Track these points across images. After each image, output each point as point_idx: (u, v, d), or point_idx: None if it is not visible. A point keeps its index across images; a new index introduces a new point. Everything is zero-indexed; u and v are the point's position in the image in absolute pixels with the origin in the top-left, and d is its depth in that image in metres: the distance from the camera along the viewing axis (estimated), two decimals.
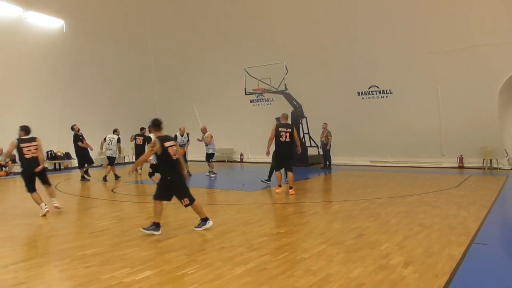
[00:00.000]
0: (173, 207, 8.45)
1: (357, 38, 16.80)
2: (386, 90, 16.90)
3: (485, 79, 14.39)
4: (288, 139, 9.39)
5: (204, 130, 14.25)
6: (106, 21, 20.78)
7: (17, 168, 17.46)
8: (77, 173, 14.33)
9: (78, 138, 13.43)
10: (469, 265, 4.41)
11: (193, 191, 9.78)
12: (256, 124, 19.07)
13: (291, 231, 6.03)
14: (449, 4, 14.65)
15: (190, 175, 14.09)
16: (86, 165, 13.61)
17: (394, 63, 16.21)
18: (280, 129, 9.42)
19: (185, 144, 13.86)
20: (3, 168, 16.30)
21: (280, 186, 9.82)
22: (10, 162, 16.69)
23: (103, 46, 20.95)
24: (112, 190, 10.95)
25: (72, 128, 13.64)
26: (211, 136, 13.98)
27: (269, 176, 11.24)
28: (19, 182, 11.51)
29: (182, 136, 13.87)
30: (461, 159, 15.41)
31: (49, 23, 19.29)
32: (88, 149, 13.56)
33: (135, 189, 11.62)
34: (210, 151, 14.02)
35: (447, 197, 8.74)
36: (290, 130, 9.45)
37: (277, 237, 5.72)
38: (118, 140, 13.78)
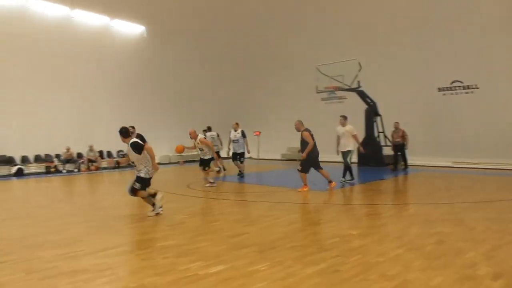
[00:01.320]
0: (246, 204, 8.60)
1: (437, 29, 15.75)
2: (471, 85, 15.63)
3: None
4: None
5: (194, 135, 11.30)
6: (182, 24, 21.97)
7: (105, 163, 19.08)
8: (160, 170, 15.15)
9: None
10: None
11: (262, 189, 9.82)
12: (328, 122, 18.75)
13: (364, 233, 5.81)
14: None
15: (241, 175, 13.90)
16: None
17: (480, 56, 14.93)
18: (311, 133, 9.92)
19: (238, 140, 13.85)
20: (94, 163, 17.88)
21: (306, 185, 9.91)
22: (99, 157, 18.28)
23: (179, 48, 22.28)
24: (188, 186, 11.45)
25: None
26: (205, 140, 11.33)
27: (344, 175, 11.07)
28: (107, 176, 12.54)
29: (235, 131, 13.98)
30: None
31: (132, 29, 20.94)
32: None
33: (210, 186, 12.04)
34: (207, 156, 11.30)
35: None
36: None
37: (350, 238, 5.55)
38: (218, 135, 15.31)
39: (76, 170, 17.27)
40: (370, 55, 17.25)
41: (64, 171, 17.03)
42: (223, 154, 16.12)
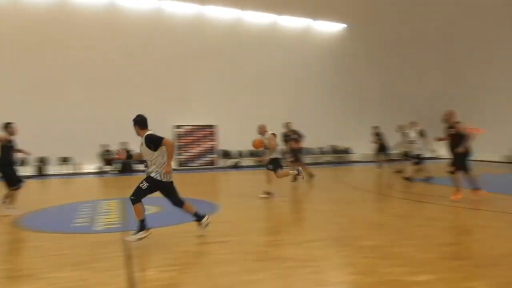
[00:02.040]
0: (457, 211, 7.65)
1: None
2: None
3: None
4: None
5: (263, 130, 9.86)
6: (383, 18, 21.34)
7: (309, 159, 20.16)
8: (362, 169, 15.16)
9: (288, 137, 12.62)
10: None
11: (477, 195, 8.45)
12: None
13: None
14: None
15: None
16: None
17: None
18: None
19: (414, 140, 12.09)
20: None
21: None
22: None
23: (380, 43, 21.76)
24: (389, 187, 10.97)
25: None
26: (272, 137, 9.67)
27: None
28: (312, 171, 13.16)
29: (412, 130, 12.27)
30: None
31: (333, 28, 21.72)
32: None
33: (414, 187, 11.23)
34: (274, 155, 9.65)
35: None
36: None
37: None
38: (421, 134, 12.12)
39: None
40: None
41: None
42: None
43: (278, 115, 19.88)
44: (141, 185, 5.36)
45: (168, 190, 5.48)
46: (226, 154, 19.37)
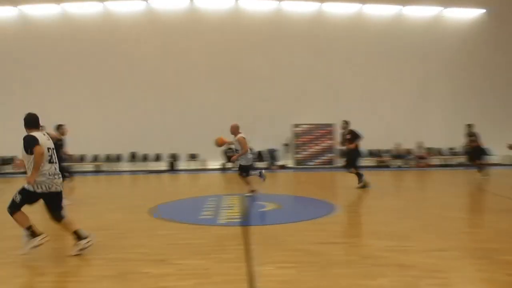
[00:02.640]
0: None
1: None
2: None
3: None
4: None
5: (235, 130, 9.38)
6: None
7: (436, 160, 18.48)
8: (493, 171, 13.38)
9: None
10: None
11: None
12: None
13: None
14: None
15: None
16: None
17: None
18: None
19: None
20: (423, 160, 17.80)
21: None
22: (428, 154, 18.04)
23: None
24: None
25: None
26: (243, 140, 9.25)
27: None
28: (436, 174, 12.08)
29: None
30: None
31: (468, 14, 19.41)
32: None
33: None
34: (243, 162, 9.40)
35: None
36: None
37: None
38: None
39: (405, 166, 17.69)
40: None
41: (393, 166, 17.79)
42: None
43: (399, 113, 18.71)
44: (14, 197, 4.70)
45: (48, 201, 4.75)
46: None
